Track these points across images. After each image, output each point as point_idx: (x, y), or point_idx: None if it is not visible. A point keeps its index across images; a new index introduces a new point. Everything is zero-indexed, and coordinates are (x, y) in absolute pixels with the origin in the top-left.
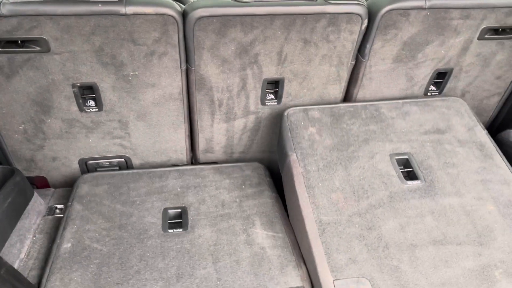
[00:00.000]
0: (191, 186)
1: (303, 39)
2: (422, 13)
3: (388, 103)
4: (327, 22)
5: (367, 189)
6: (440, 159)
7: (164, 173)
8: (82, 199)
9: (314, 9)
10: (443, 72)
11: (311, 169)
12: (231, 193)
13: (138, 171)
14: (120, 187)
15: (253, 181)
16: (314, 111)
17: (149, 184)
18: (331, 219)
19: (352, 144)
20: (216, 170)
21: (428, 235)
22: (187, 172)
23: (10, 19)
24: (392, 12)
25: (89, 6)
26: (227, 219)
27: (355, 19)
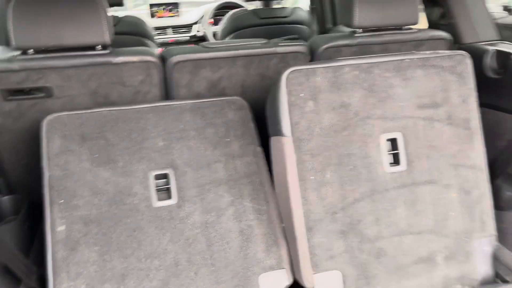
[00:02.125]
0: (174, 138)
1: (260, 74)
2: (351, 49)
3: (392, 64)
4: (278, 60)
5: (354, 181)
6: (427, 140)
7: (141, 115)
8: (58, 159)
9: (267, 50)
10: None
11: (306, 159)
12: (216, 149)
13: (111, 111)
14: (96, 139)
15: (237, 130)
16: (316, 76)
17: (128, 135)
18: (318, 217)
19: (349, 124)
20: (197, 112)
21: (396, 227)
22: (166, 113)
23: (20, 72)
24: (328, 49)
25: (86, 58)
26: (215, 187)
27: (300, 56)
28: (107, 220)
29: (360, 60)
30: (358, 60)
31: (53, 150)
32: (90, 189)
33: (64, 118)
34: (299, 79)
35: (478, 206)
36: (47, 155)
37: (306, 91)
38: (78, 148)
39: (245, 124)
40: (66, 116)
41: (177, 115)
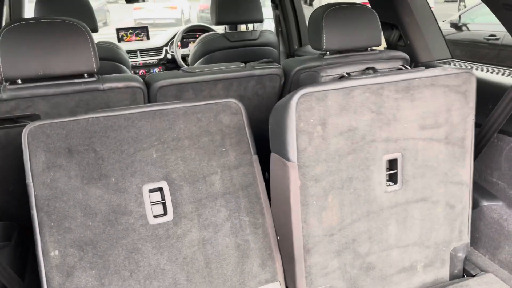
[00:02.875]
0: (168, 148)
1: (239, 95)
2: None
3: (402, 84)
4: (255, 82)
5: (353, 203)
6: (424, 159)
7: (132, 122)
8: (44, 176)
9: (246, 73)
10: None
11: (309, 184)
12: (211, 160)
13: (98, 118)
14: (85, 152)
15: (233, 138)
16: (327, 100)
17: (119, 146)
18: (316, 239)
19: (355, 149)
20: (191, 117)
21: (385, 243)
22: (158, 120)
23: (9, 102)
24: (300, 71)
25: (74, 86)
26: (211, 202)
27: (275, 78)
28: (103, 242)
29: (371, 80)
30: (369, 79)
31: (37, 166)
32: (82, 210)
33: (46, 128)
34: (309, 103)
35: (459, 218)
36: (32, 172)
37: (316, 116)
38: (65, 163)
39: (240, 131)
40: (48, 125)
41: (171, 122)
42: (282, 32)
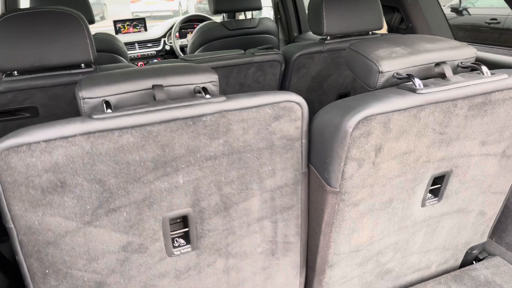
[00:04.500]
0: (199, 170)
1: (239, 83)
2: (322, 55)
3: (475, 100)
4: (255, 69)
5: (388, 222)
6: (473, 174)
7: (147, 136)
8: (30, 218)
9: (245, 60)
10: (343, 95)
11: (346, 210)
12: (252, 183)
13: (103, 134)
14: (86, 184)
15: (285, 153)
16: (390, 123)
17: (134, 172)
18: (342, 257)
19: (405, 171)
20: (234, 127)
21: (409, 251)
22: (189, 131)
23: (6, 94)
24: (301, 57)
25: (71, 77)
26: (244, 228)
27: (276, 64)
28: (113, 285)
29: (443, 95)
30: (442, 93)
31: (18, 206)
32: (84, 253)
33: (25, 154)
34: (368, 128)
35: (487, 222)
36: (10, 213)
37: (372, 142)
38: (58, 199)
39: (295, 143)
40: (27, 148)
41: (208, 136)
42: (281, 20)
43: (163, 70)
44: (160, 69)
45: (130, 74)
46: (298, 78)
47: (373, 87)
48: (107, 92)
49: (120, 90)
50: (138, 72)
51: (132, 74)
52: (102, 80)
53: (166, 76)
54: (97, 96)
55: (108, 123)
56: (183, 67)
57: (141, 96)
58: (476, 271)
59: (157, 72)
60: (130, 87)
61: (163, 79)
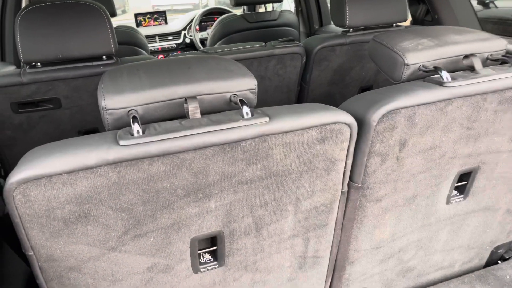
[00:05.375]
0: (233, 194)
1: (260, 75)
2: (344, 48)
3: (506, 94)
4: (276, 61)
5: (411, 219)
6: (501, 171)
7: (188, 165)
8: (51, 247)
9: (266, 52)
10: (365, 88)
11: (368, 205)
12: (288, 204)
13: (131, 163)
14: (112, 214)
15: (327, 175)
16: (415, 117)
17: (164, 200)
18: (362, 253)
19: (430, 167)
20: (275, 152)
21: (432, 249)
22: (226, 156)
23: (30, 85)
24: (322, 49)
25: (93, 69)
26: (274, 246)
27: (297, 57)
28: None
29: (472, 88)
30: (471, 87)
31: (38, 236)
32: (108, 275)
33: (45, 186)
34: (393, 122)
35: None
36: (30, 243)
37: (397, 136)
38: (81, 229)
39: (338, 164)
40: (47, 181)
41: (247, 161)
42: (302, 12)
43: (196, 73)
44: (192, 72)
45: (159, 78)
46: (320, 71)
47: (398, 80)
48: (133, 101)
49: (148, 99)
50: (167, 75)
51: (161, 79)
52: (128, 87)
53: (200, 81)
54: (122, 107)
55: (137, 151)
56: (218, 68)
57: (172, 107)
58: (501, 270)
59: (189, 76)
60: (159, 95)
61: (196, 85)
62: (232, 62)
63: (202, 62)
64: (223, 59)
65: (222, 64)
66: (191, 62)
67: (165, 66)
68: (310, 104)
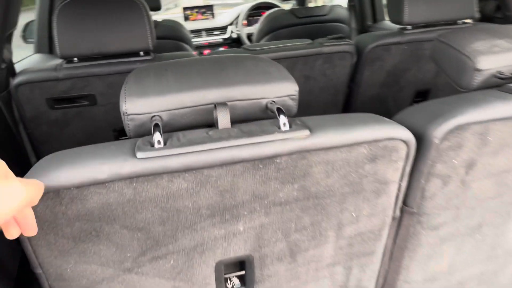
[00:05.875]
0: (265, 216)
1: (304, 75)
2: (401, 47)
3: None
4: (323, 60)
5: (474, 250)
6: None
7: (213, 182)
8: (61, 265)
9: (313, 51)
10: (422, 92)
11: (424, 233)
12: (329, 230)
13: (148, 178)
14: (127, 232)
15: (376, 198)
16: (488, 134)
17: (185, 220)
18: (413, 285)
19: (502, 192)
20: (315, 170)
21: (497, 285)
22: (256, 174)
23: (66, 81)
24: (376, 48)
25: (129, 65)
26: (311, 274)
27: (346, 56)
28: None
29: None
30: None
31: (47, 253)
32: None
33: (53, 200)
34: (459, 139)
35: None
36: (38, 260)
37: (464, 156)
38: (92, 247)
39: (390, 186)
40: (54, 195)
41: (281, 180)
42: (354, 7)
43: (229, 76)
44: (226, 74)
45: (188, 80)
46: (372, 72)
47: (467, 88)
48: (158, 106)
49: (173, 104)
50: (197, 77)
51: (190, 81)
52: (152, 89)
53: (233, 85)
54: (144, 112)
55: (156, 165)
56: (255, 71)
57: (200, 113)
58: None
59: (221, 79)
60: (186, 100)
61: (229, 89)
62: (271, 64)
63: (238, 63)
64: (262, 60)
65: (260, 66)
66: (226, 63)
67: (196, 66)
68: (359, 114)
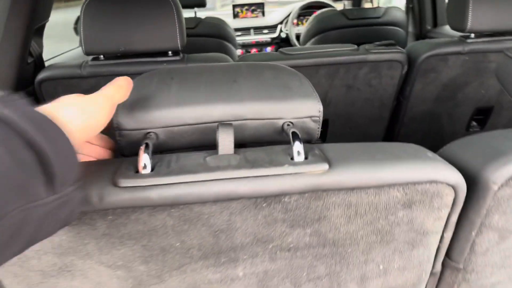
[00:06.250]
0: (268, 262)
1: (346, 85)
2: (461, 58)
3: None
4: (368, 69)
5: None
6: None
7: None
8: None
9: (356, 58)
10: (483, 110)
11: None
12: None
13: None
14: None
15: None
16: None
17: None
18: None
19: None
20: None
21: None
22: (253, 213)
23: (89, 79)
24: (431, 58)
25: (156, 65)
26: None
27: (396, 65)
28: None
29: None
30: None
31: (13, 285)
32: None
33: None
34: None
35: None
36: None
37: None
38: (65, 283)
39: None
40: None
41: (286, 224)
42: (413, 9)
43: (242, 89)
44: (238, 87)
45: (192, 92)
46: (424, 85)
47: None
48: (153, 122)
49: (171, 120)
50: (203, 88)
51: (194, 93)
52: (149, 101)
53: (244, 101)
54: (137, 128)
55: (135, 196)
56: (274, 84)
57: (204, 132)
58: None
59: (231, 92)
60: (187, 116)
61: (238, 106)
62: (294, 76)
63: (254, 73)
64: (284, 70)
65: (281, 78)
66: (241, 72)
67: (207, 75)
68: (394, 144)
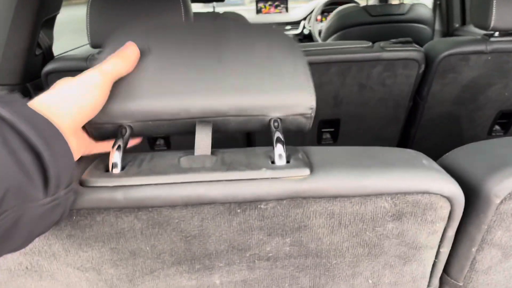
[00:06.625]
0: (258, 268)
1: (358, 83)
2: (483, 57)
3: None
4: (383, 68)
5: None
6: None
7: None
8: None
9: (370, 55)
10: (507, 113)
11: None
12: None
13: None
14: None
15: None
16: None
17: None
18: None
19: None
20: (330, 216)
21: None
22: (229, 223)
23: None
24: (450, 57)
25: None
26: None
27: (412, 64)
28: None
29: None
30: None
31: None
32: None
33: None
34: None
35: None
36: None
37: None
38: (32, 283)
39: (426, 250)
40: None
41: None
42: (440, 6)
43: (225, 77)
44: (222, 70)
45: (170, 79)
46: (443, 85)
47: None
48: (126, 116)
49: (147, 114)
50: (185, 73)
51: (171, 81)
52: (122, 87)
53: (227, 96)
54: (110, 122)
55: (100, 197)
56: (266, 68)
57: (182, 126)
58: None
59: (215, 81)
60: (162, 110)
61: (222, 100)
62: (290, 56)
63: (244, 47)
64: (280, 44)
65: (274, 57)
66: (228, 44)
67: (189, 44)
68: (388, 149)
